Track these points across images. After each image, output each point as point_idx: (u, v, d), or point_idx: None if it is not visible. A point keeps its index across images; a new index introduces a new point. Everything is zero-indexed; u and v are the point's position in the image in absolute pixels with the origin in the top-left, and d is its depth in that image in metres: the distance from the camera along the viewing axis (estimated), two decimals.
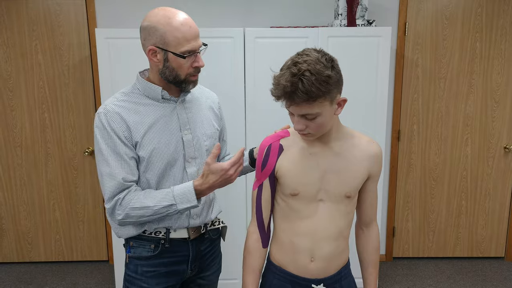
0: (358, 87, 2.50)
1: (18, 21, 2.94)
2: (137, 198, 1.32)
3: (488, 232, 3.30)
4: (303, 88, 1.07)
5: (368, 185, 1.35)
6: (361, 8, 2.63)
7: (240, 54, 2.43)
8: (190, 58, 1.34)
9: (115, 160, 1.33)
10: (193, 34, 1.33)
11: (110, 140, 1.33)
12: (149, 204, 1.31)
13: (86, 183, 3.18)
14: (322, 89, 1.08)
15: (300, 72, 1.08)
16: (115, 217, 1.35)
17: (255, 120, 2.51)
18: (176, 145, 1.41)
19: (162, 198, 1.32)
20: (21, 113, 3.06)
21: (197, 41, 1.34)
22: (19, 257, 3.29)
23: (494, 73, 3.06)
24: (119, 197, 1.32)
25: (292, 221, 1.30)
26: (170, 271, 1.46)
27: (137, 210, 1.31)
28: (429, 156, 3.18)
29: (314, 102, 1.10)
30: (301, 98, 1.08)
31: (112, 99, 1.39)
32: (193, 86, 1.42)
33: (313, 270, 1.30)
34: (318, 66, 1.09)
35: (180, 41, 1.30)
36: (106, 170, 1.32)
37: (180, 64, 1.33)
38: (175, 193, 1.31)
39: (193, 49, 1.33)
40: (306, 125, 1.17)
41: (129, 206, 1.32)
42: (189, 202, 1.31)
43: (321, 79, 1.08)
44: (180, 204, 1.31)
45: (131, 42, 2.39)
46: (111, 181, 1.32)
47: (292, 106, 1.13)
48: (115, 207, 1.33)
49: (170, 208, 1.32)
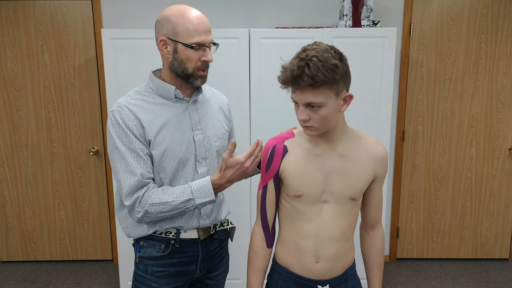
0: (363, 88, 2.50)
1: (25, 21, 2.95)
2: (156, 194, 1.33)
3: (493, 234, 3.29)
4: (309, 72, 1.09)
5: (373, 187, 1.35)
6: (366, 9, 2.63)
7: (245, 54, 2.43)
8: (199, 51, 1.35)
9: (132, 157, 1.33)
10: (204, 28, 1.34)
11: (125, 137, 1.34)
12: (167, 199, 1.32)
13: (91, 183, 3.20)
14: (328, 75, 1.10)
15: (307, 58, 1.10)
16: (134, 214, 1.35)
17: (260, 120, 2.51)
18: (188, 145, 1.41)
19: (180, 193, 1.33)
20: (27, 112, 3.08)
21: (207, 36, 1.35)
22: (24, 255, 3.31)
23: (500, 74, 3.05)
24: (139, 195, 1.33)
25: (296, 222, 1.30)
26: (180, 271, 1.47)
27: (156, 206, 1.32)
28: (433, 157, 3.18)
29: (319, 89, 1.11)
30: (306, 82, 1.10)
31: (126, 97, 1.40)
32: (201, 82, 1.42)
33: (318, 271, 1.30)
34: (326, 55, 1.11)
35: (190, 32, 1.32)
36: (123, 167, 1.33)
37: (188, 56, 1.35)
38: (193, 188, 1.33)
39: (203, 42, 1.34)
40: (310, 116, 1.16)
41: (148, 202, 1.32)
42: (207, 197, 1.32)
43: (328, 66, 1.10)
44: (198, 199, 1.32)
45: (137, 43, 2.40)
46: (130, 178, 1.33)
47: (297, 91, 1.14)
48: (134, 204, 1.34)
49: (188, 203, 1.33)
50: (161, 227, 1.43)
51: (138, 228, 1.44)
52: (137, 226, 1.44)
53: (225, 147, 1.56)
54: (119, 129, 1.34)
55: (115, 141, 1.34)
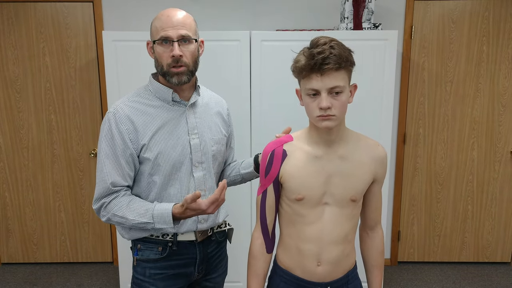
0: (364, 90, 2.49)
1: (26, 23, 2.96)
2: (120, 206, 1.36)
3: (494, 237, 3.28)
4: (336, 52, 1.13)
5: (373, 188, 1.35)
6: (367, 12, 2.63)
7: (246, 56, 2.43)
8: (167, 47, 1.36)
9: (110, 163, 1.36)
10: (171, 23, 1.35)
11: (112, 141, 1.36)
12: (128, 216, 1.34)
13: (92, 185, 3.19)
14: (350, 57, 1.17)
15: (329, 41, 1.15)
16: (100, 217, 1.40)
17: (260, 122, 2.51)
18: (182, 149, 1.41)
19: (142, 214, 1.34)
20: (28, 114, 3.08)
21: (175, 30, 1.35)
22: (24, 257, 3.31)
23: (501, 77, 3.04)
24: (105, 201, 1.36)
25: (297, 226, 1.30)
26: (178, 274, 1.47)
27: (118, 217, 1.36)
28: (435, 159, 3.17)
29: (341, 71, 1.15)
30: (334, 61, 1.12)
31: (124, 99, 1.41)
32: (177, 80, 1.38)
33: (320, 274, 1.30)
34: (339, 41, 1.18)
35: (157, 29, 1.36)
36: (99, 171, 1.37)
37: (159, 53, 1.38)
38: (154, 213, 1.33)
39: (166, 36, 1.35)
40: (332, 103, 1.16)
41: (111, 211, 1.36)
42: (166, 224, 1.33)
43: (346, 48, 1.18)
44: (158, 224, 1.34)
45: (138, 45, 2.40)
46: (100, 183, 1.36)
47: (320, 78, 1.14)
48: (100, 208, 1.38)
49: (147, 225, 1.35)
50: (156, 230, 1.42)
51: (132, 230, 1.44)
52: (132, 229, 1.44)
53: (221, 151, 1.56)
54: (108, 132, 1.36)
55: (101, 143, 1.37)
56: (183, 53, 1.36)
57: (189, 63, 1.39)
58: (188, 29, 1.37)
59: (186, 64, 1.38)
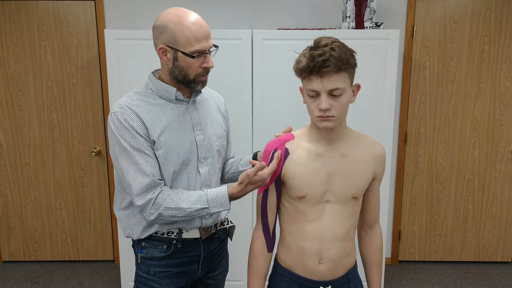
0: (365, 89, 2.49)
1: (28, 21, 2.96)
2: (171, 198, 1.32)
3: (495, 237, 3.28)
4: (337, 54, 1.12)
5: (372, 186, 1.36)
6: (369, 11, 2.62)
7: (248, 55, 2.43)
8: (200, 58, 1.33)
9: (141, 157, 1.32)
10: (204, 34, 1.32)
11: (131, 137, 1.32)
12: (182, 206, 1.31)
13: (93, 183, 3.20)
14: (351, 59, 1.16)
15: (330, 42, 1.15)
16: (146, 215, 1.33)
17: (262, 121, 2.51)
18: (190, 146, 1.41)
19: (196, 201, 1.32)
20: (30, 112, 3.08)
21: (207, 42, 1.34)
22: (25, 256, 3.31)
23: (503, 76, 3.04)
24: (152, 197, 1.31)
25: (299, 223, 1.30)
26: (182, 271, 1.47)
27: (170, 210, 1.31)
28: (436, 159, 3.17)
29: (342, 73, 1.15)
30: (334, 64, 1.12)
31: (126, 98, 1.39)
32: (202, 86, 1.42)
33: (321, 272, 1.30)
34: (341, 43, 1.18)
35: (190, 40, 1.30)
36: (133, 167, 1.31)
37: (189, 64, 1.33)
38: (209, 197, 1.32)
39: (203, 49, 1.32)
40: (331, 105, 1.17)
41: (163, 205, 1.31)
42: (223, 206, 1.33)
43: (349, 50, 1.17)
44: (213, 208, 1.33)
45: (140, 43, 2.40)
46: (141, 178, 1.31)
47: (320, 79, 1.14)
48: (147, 205, 1.32)
49: (202, 211, 1.33)
50: (162, 227, 1.42)
51: (138, 229, 1.43)
52: (138, 227, 1.43)
53: (224, 146, 1.56)
54: (123, 130, 1.32)
55: (121, 142, 1.32)
56: None
57: None
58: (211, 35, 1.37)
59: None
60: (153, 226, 1.42)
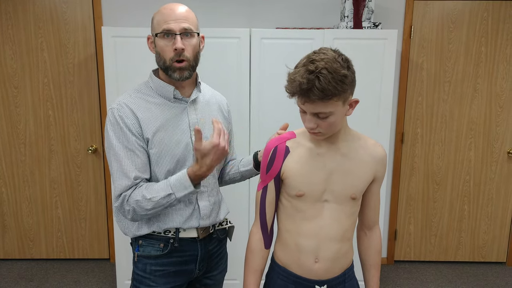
0: (363, 89, 2.49)
1: (24, 18, 2.94)
2: (139, 191, 1.33)
3: (490, 237, 3.29)
4: (320, 86, 1.07)
5: (372, 188, 1.36)
6: (367, 11, 2.63)
7: (246, 54, 2.43)
8: (170, 40, 1.34)
9: (127, 157, 1.33)
10: (174, 16, 1.34)
11: (122, 135, 1.34)
12: (147, 196, 1.31)
13: (89, 181, 3.18)
14: (338, 88, 1.08)
15: (317, 70, 1.07)
16: (125, 214, 1.36)
17: (260, 120, 2.51)
18: (186, 145, 1.41)
19: (160, 189, 1.31)
20: (26, 110, 3.07)
21: (177, 23, 1.34)
22: (20, 253, 3.30)
23: (499, 77, 3.05)
24: (126, 194, 1.33)
25: (296, 221, 1.30)
26: (179, 271, 1.46)
27: (140, 202, 1.31)
28: (432, 159, 3.18)
29: (329, 101, 1.10)
30: (317, 96, 1.08)
31: (125, 96, 1.40)
32: (178, 75, 1.37)
33: (317, 271, 1.30)
34: (335, 65, 1.09)
35: (159, 23, 1.35)
36: (117, 167, 1.33)
37: (161, 46, 1.36)
38: (171, 182, 1.31)
39: (169, 29, 1.33)
40: (317, 124, 1.16)
41: (133, 199, 1.32)
42: (186, 189, 1.30)
43: (338, 78, 1.08)
44: (178, 192, 1.30)
45: (137, 41, 2.39)
46: (122, 178, 1.33)
47: (307, 103, 1.12)
48: (122, 203, 1.34)
49: (169, 198, 1.31)
50: (159, 227, 1.42)
51: (136, 227, 1.43)
52: (135, 225, 1.43)
53: None
54: (116, 127, 1.34)
55: (112, 139, 1.34)
56: (185, 46, 1.35)
57: (191, 57, 1.38)
58: (190, 22, 1.36)
59: (188, 58, 1.37)
60: (146, 225, 1.42)
